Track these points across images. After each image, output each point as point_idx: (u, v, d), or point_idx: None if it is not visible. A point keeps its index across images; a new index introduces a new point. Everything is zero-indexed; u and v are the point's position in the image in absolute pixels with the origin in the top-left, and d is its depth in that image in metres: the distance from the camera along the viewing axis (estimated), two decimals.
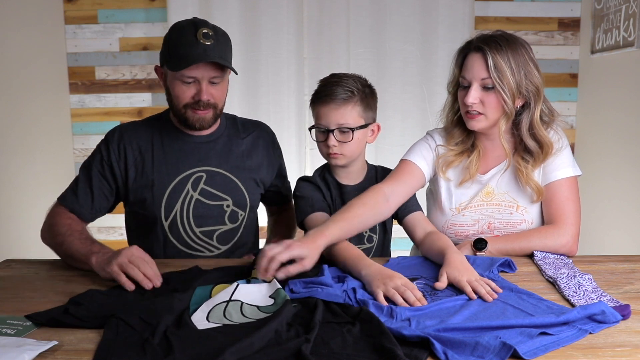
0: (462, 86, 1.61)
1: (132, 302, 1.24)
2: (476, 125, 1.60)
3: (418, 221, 1.64)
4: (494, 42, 1.55)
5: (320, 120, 1.61)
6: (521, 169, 1.62)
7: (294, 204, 1.72)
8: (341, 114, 1.58)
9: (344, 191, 1.68)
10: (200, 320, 1.14)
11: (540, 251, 1.57)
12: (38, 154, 2.87)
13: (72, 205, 1.67)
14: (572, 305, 1.23)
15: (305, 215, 1.63)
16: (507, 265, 1.46)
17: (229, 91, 1.74)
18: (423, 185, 1.70)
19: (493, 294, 1.25)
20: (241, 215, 1.76)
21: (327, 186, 1.69)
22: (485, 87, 1.56)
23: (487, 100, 1.56)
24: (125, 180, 1.70)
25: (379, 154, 3.02)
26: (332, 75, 1.64)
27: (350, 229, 1.47)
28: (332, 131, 1.59)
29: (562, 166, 1.63)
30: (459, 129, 1.68)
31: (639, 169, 2.48)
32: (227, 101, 1.74)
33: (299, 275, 1.32)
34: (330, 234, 1.40)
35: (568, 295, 1.27)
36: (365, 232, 1.66)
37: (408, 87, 3.08)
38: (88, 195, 1.68)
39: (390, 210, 1.59)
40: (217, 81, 1.63)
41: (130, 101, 3.19)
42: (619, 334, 1.09)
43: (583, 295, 1.26)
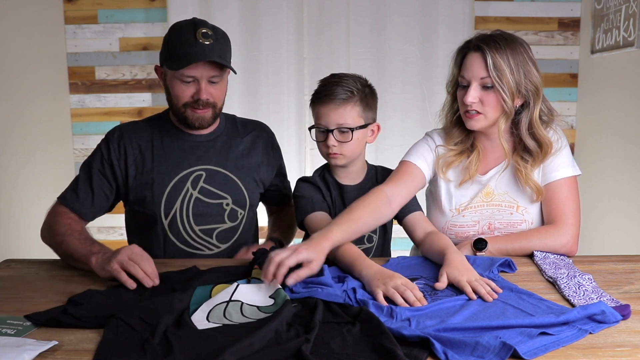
0: (461, 86, 1.61)
1: (132, 302, 1.24)
2: (475, 124, 1.60)
3: (418, 221, 1.64)
4: (493, 42, 1.55)
5: (320, 120, 1.61)
6: (520, 168, 1.62)
7: (293, 204, 1.72)
8: (341, 114, 1.58)
9: (344, 191, 1.68)
10: (200, 320, 1.14)
11: (540, 251, 1.57)
12: (38, 154, 2.87)
13: (73, 204, 1.67)
14: (572, 305, 1.23)
15: (305, 215, 1.63)
16: (507, 265, 1.46)
17: (228, 91, 1.75)
18: (423, 186, 1.70)
19: (493, 294, 1.25)
20: (241, 213, 1.76)
21: (327, 186, 1.69)
22: (484, 87, 1.56)
23: (486, 100, 1.56)
24: (126, 179, 1.71)
25: (379, 154, 3.02)
26: (332, 75, 1.64)
27: (353, 232, 1.47)
28: (332, 131, 1.59)
29: (561, 166, 1.63)
30: (458, 129, 1.68)
31: (639, 169, 2.48)
32: (227, 101, 1.75)
33: None
34: (334, 236, 1.40)
35: (568, 295, 1.27)
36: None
37: (408, 87, 3.08)
38: (88, 194, 1.68)
39: (393, 212, 1.59)
40: (216, 80, 1.64)
41: (130, 101, 3.19)
42: (619, 334, 1.09)
43: (583, 295, 1.26)
